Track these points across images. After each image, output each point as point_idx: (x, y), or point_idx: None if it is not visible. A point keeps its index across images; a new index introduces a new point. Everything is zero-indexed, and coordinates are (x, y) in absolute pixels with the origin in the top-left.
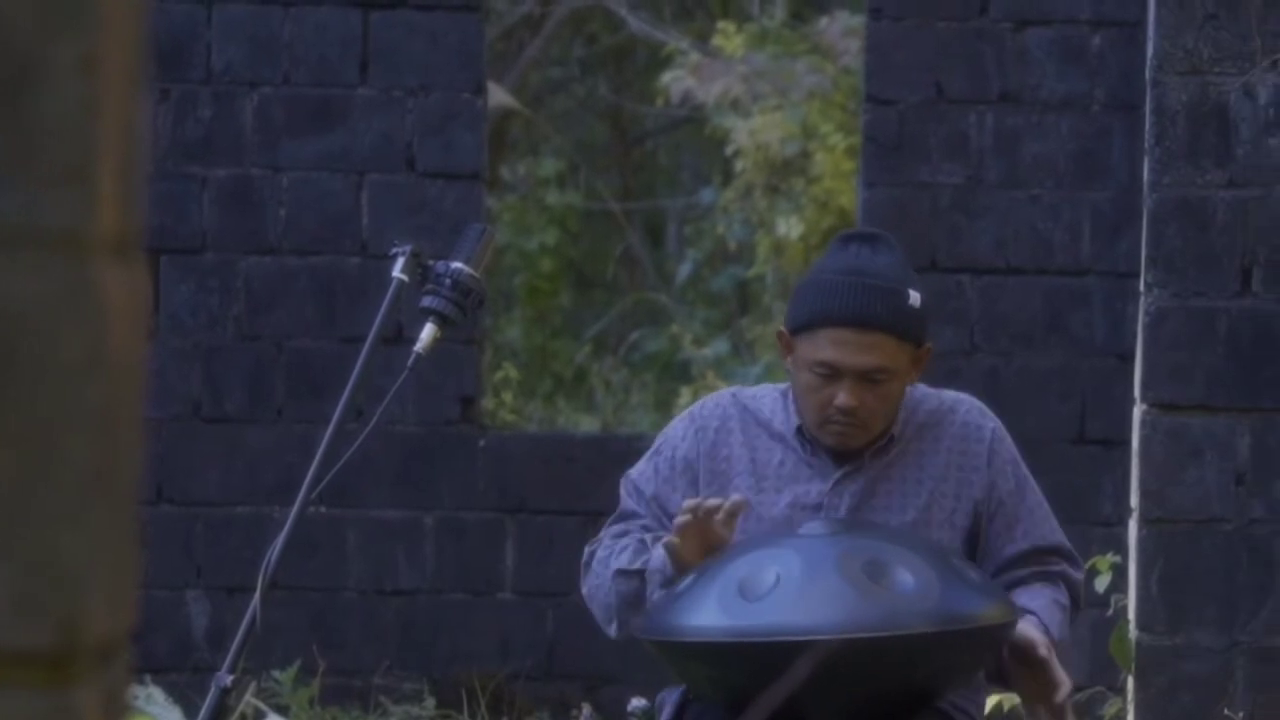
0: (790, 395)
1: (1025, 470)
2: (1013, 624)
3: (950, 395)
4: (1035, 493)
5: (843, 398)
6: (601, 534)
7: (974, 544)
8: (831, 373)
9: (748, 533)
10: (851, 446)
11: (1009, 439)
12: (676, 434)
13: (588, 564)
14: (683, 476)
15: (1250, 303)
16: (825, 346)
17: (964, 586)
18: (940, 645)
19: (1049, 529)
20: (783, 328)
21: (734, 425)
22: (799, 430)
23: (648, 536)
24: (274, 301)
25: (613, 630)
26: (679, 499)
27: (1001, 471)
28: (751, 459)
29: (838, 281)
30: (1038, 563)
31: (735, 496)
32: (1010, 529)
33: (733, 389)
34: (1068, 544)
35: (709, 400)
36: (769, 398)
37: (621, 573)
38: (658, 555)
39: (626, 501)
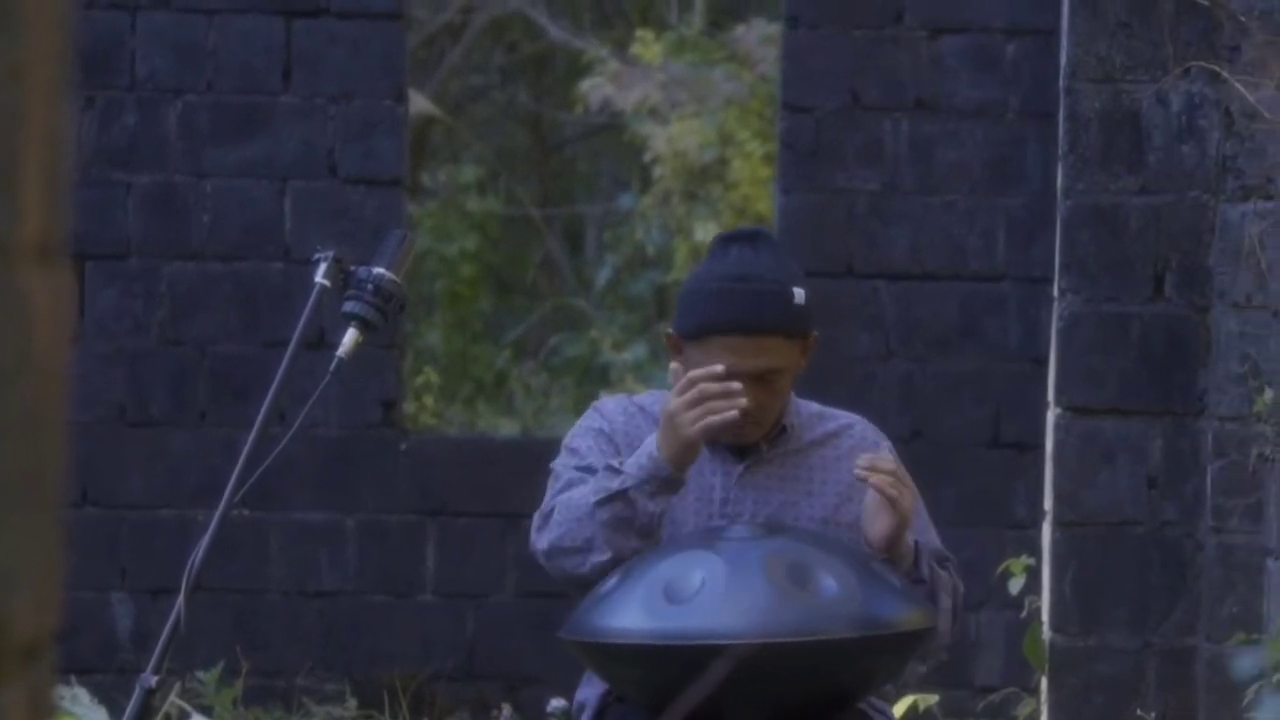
0: None
1: (913, 486)
2: (933, 630)
3: (844, 415)
4: (919, 504)
5: (739, 401)
6: (549, 501)
7: None
8: (725, 377)
9: (664, 533)
10: (747, 441)
11: (897, 456)
12: (589, 421)
13: (544, 522)
14: (609, 447)
15: (1162, 308)
16: (718, 353)
17: (886, 592)
18: (862, 650)
19: (931, 537)
20: (670, 330)
21: (639, 421)
22: None
23: (613, 461)
24: (197, 306)
25: (594, 563)
26: (615, 460)
27: None
28: None
29: (725, 289)
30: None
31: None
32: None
33: (625, 394)
34: (947, 553)
35: (607, 400)
36: (661, 402)
37: (600, 503)
38: (639, 467)
39: (566, 473)
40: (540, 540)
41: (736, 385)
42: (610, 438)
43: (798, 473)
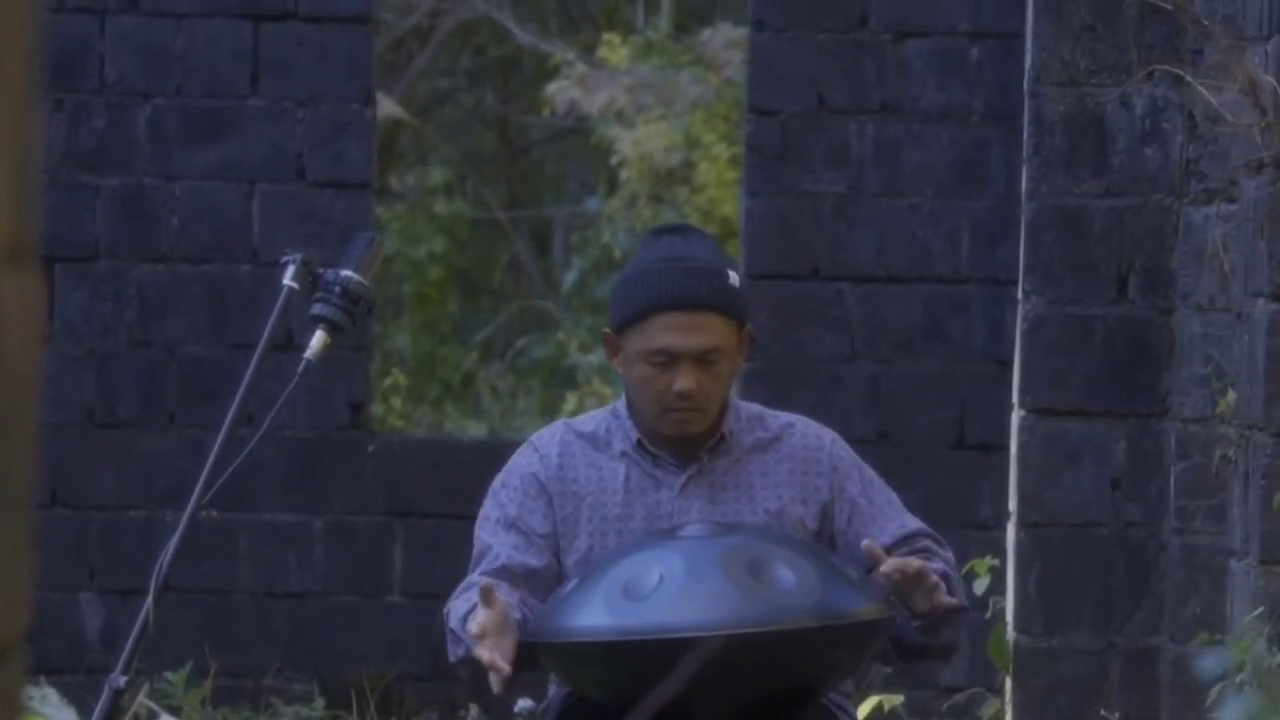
0: (622, 412)
1: (870, 470)
2: (892, 619)
3: (785, 415)
4: (885, 489)
5: (681, 381)
6: (457, 590)
7: (830, 547)
8: (667, 359)
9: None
10: (691, 433)
11: (848, 446)
12: (520, 463)
13: (456, 595)
14: (539, 498)
15: (1126, 310)
16: (658, 333)
17: (844, 583)
18: (822, 640)
19: (906, 518)
20: (606, 329)
21: (575, 450)
22: (638, 444)
23: (493, 557)
24: (166, 309)
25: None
26: (539, 518)
27: (847, 474)
28: (599, 479)
29: (660, 270)
30: (905, 547)
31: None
32: (869, 525)
33: (563, 420)
34: (927, 527)
35: (544, 431)
36: (601, 421)
37: (462, 662)
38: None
39: (483, 538)
40: (446, 620)
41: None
42: (538, 477)
43: (739, 480)
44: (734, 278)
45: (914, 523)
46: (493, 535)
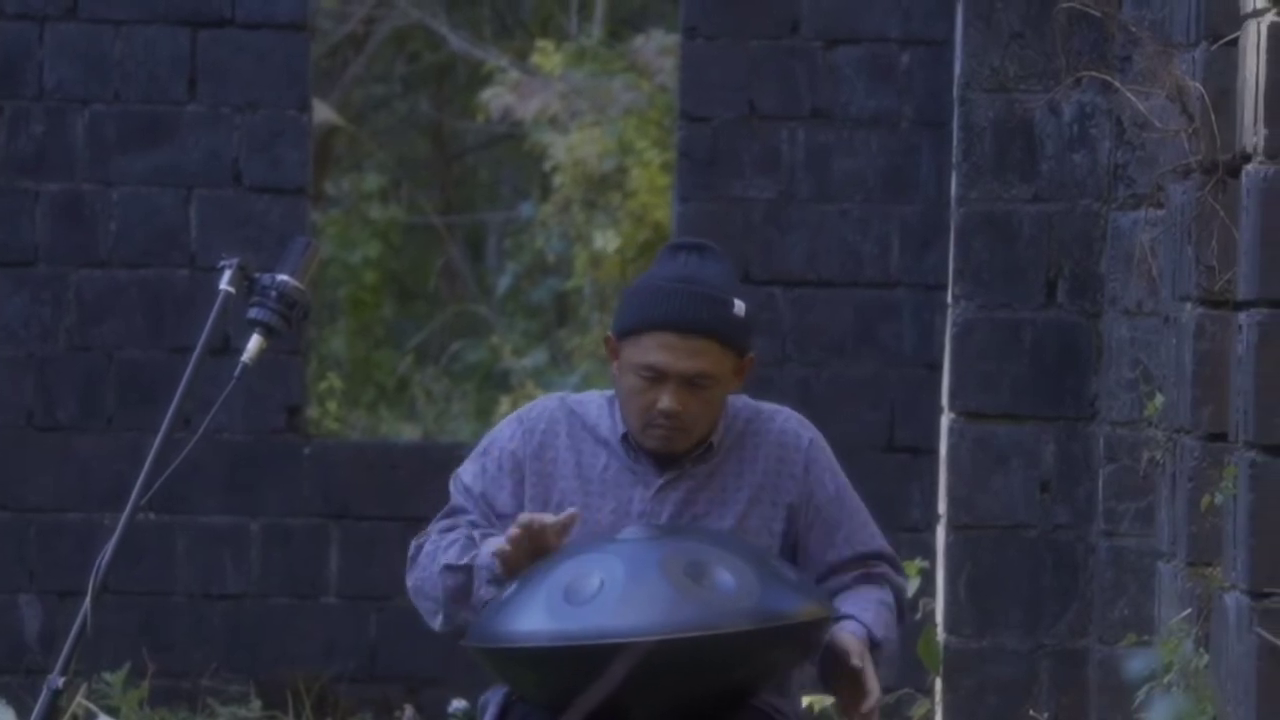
0: (616, 402)
1: (844, 479)
2: (829, 620)
3: (769, 406)
4: (855, 500)
5: (666, 401)
6: (429, 529)
7: (793, 551)
8: (656, 376)
9: (573, 538)
10: (673, 450)
11: (828, 449)
12: (504, 434)
13: (414, 558)
14: (510, 476)
15: (1055, 314)
16: (650, 350)
17: (782, 585)
18: (761, 642)
19: (869, 534)
20: (610, 333)
21: (560, 429)
22: (624, 437)
23: (475, 533)
24: (104, 313)
25: (438, 623)
26: (506, 497)
27: (819, 480)
28: (577, 463)
29: (665, 288)
30: (861, 567)
31: (569, 510)
32: (831, 535)
33: (561, 394)
34: (890, 549)
35: (537, 403)
36: (595, 404)
37: (449, 568)
38: (486, 553)
39: (455, 498)
40: (408, 576)
41: (563, 518)
42: (514, 454)
43: (712, 483)
44: (739, 306)
45: (876, 542)
46: (465, 497)
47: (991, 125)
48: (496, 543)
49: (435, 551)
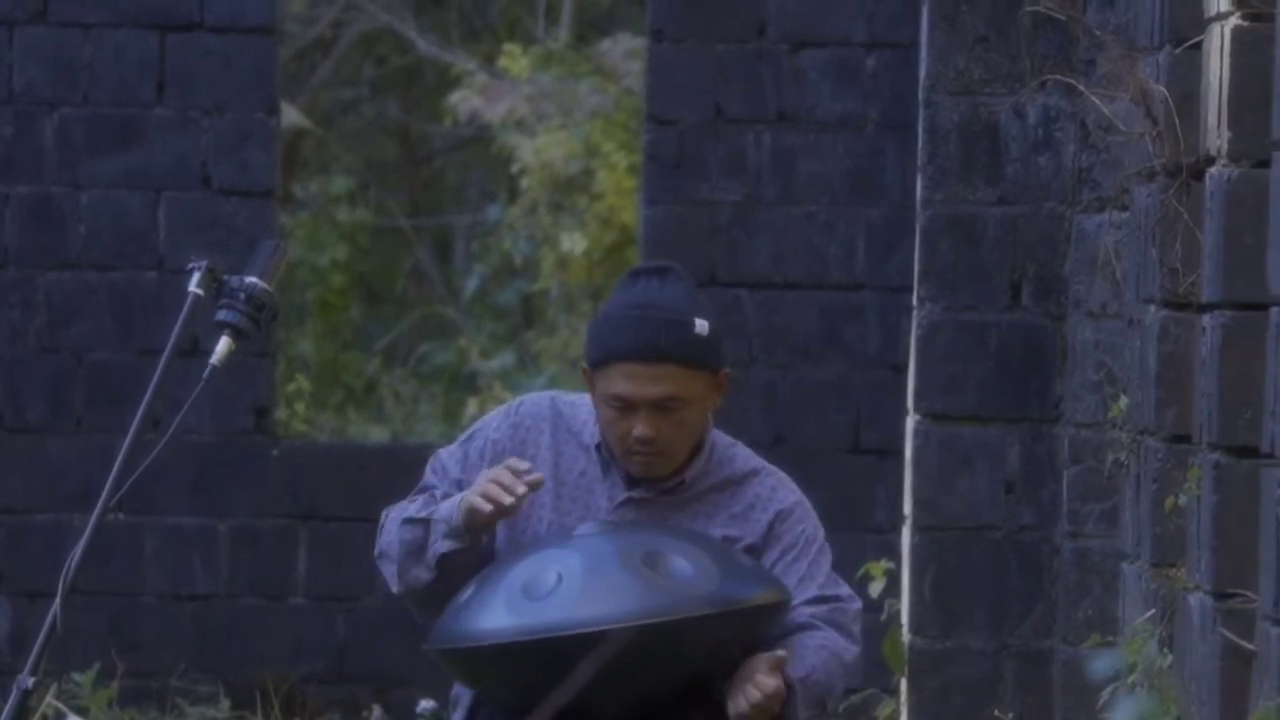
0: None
1: (823, 541)
2: (787, 604)
3: (759, 462)
4: (825, 558)
5: (639, 429)
6: (400, 502)
7: None
8: (626, 405)
9: (535, 536)
10: (657, 474)
11: (807, 518)
12: (492, 424)
13: (382, 525)
14: (490, 466)
15: (1019, 316)
16: (617, 381)
17: (739, 571)
18: (723, 626)
19: (834, 581)
20: (584, 364)
21: (545, 427)
22: (599, 446)
23: (438, 492)
24: (74, 315)
25: (396, 585)
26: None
27: (789, 528)
28: (556, 463)
29: (625, 317)
30: (815, 605)
31: (537, 474)
32: (788, 575)
33: (555, 393)
34: (857, 603)
35: (529, 399)
36: (585, 408)
37: (408, 520)
38: (446, 506)
39: (430, 477)
40: (377, 544)
41: (532, 478)
42: (497, 446)
43: (684, 507)
44: (701, 326)
45: (840, 589)
46: (439, 477)
47: (956, 128)
48: (467, 491)
49: (400, 514)
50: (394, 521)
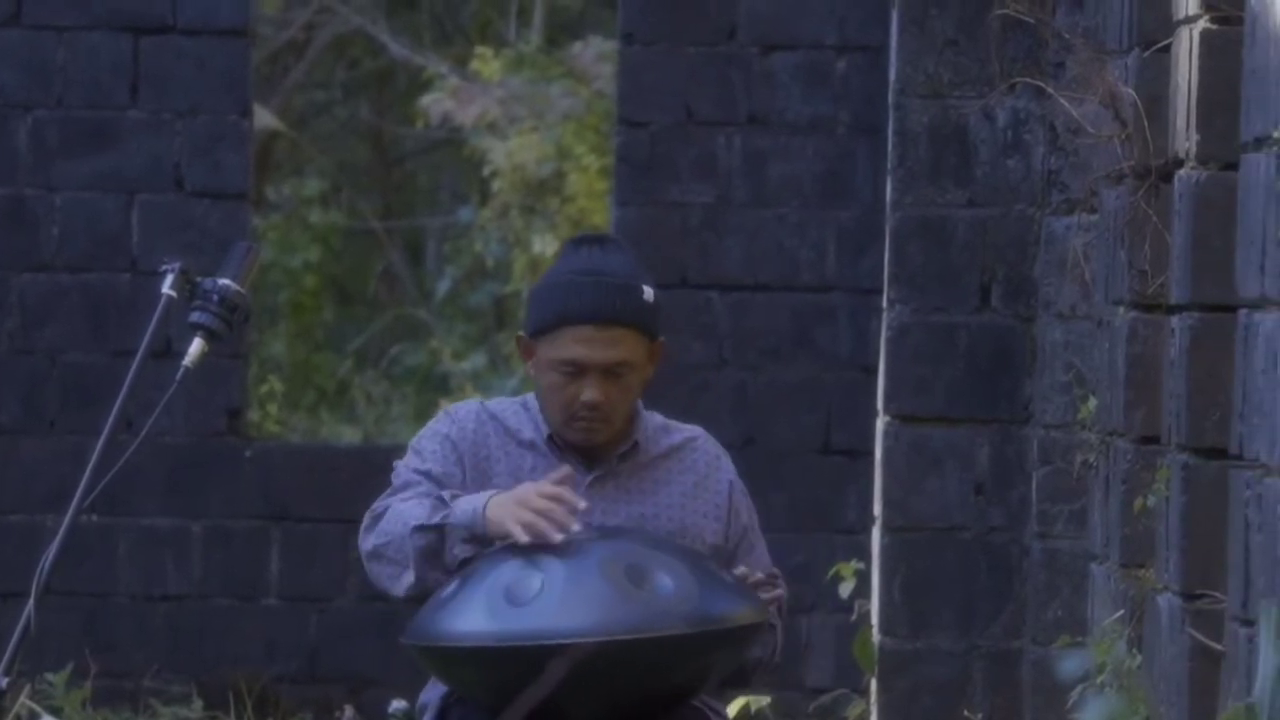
0: (530, 405)
1: (751, 505)
2: (765, 625)
3: (688, 428)
4: (754, 521)
5: (589, 393)
6: (383, 500)
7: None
8: (576, 370)
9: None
10: (596, 441)
11: (736, 475)
12: (440, 429)
13: (373, 523)
14: (456, 464)
15: (989, 318)
16: (569, 345)
17: (720, 589)
18: (699, 645)
19: (762, 552)
20: (521, 333)
21: (489, 430)
22: (549, 438)
23: (445, 494)
24: (47, 317)
25: (403, 585)
26: (457, 482)
27: (740, 502)
28: (507, 464)
29: (576, 281)
30: (769, 586)
31: (582, 502)
32: (746, 557)
33: (479, 400)
34: (775, 569)
35: (459, 405)
36: (512, 409)
37: (420, 528)
38: (463, 512)
39: (406, 475)
40: (365, 541)
41: (579, 506)
42: (456, 445)
43: (643, 486)
44: (648, 292)
45: (765, 563)
46: (419, 476)
47: (926, 131)
48: (484, 497)
49: (402, 514)
50: (394, 521)
